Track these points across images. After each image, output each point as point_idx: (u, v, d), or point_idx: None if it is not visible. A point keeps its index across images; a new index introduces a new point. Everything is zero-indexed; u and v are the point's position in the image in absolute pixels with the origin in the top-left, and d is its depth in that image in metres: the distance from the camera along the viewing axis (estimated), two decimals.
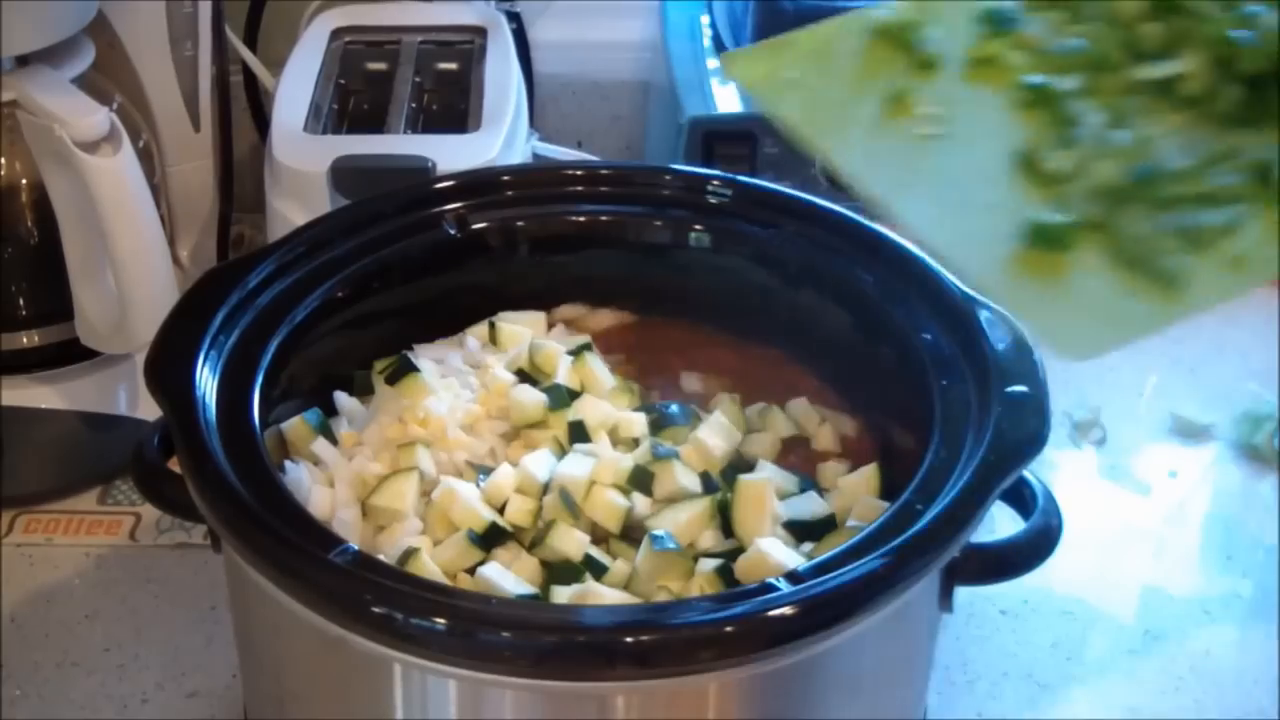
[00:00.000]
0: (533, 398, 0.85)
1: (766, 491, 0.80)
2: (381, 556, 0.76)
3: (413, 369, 0.85)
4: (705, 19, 1.34)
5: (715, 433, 0.84)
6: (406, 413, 0.84)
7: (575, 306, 0.95)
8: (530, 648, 0.66)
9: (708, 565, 0.76)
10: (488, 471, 0.82)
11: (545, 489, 0.81)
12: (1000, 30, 0.86)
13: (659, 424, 0.85)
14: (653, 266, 0.94)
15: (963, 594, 0.77)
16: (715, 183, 0.93)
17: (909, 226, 0.80)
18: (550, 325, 0.93)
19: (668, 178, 0.95)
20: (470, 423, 0.85)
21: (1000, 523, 0.88)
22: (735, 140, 1.17)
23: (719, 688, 0.70)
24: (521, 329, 0.91)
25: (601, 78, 1.43)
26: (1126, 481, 1.14)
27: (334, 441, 0.84)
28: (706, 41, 1.31)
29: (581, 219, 0.93)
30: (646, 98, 1.43)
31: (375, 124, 1.14)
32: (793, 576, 0.69)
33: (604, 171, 0.96)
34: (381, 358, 0.88)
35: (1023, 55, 0.85)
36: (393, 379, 0.85)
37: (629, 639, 0.66)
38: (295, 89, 1.14)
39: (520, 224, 0.92)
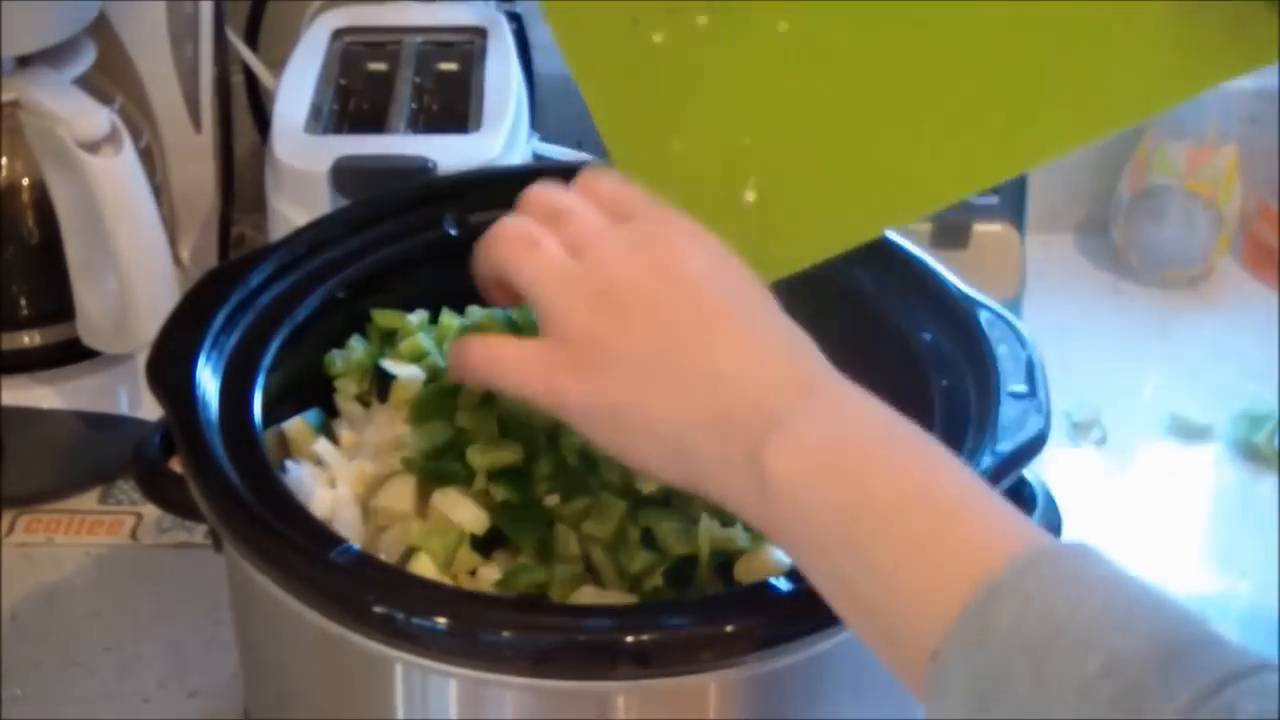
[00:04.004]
0: None
1: None
2: (382, 556, 0.76)
3: (390, 376, 0.85)
4: None
5: None
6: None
7: None
8: (530, 647, 0.66)
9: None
10: None
11: None
12: None
13: None
14: None
15: None
16: None
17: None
18: None
19: None
20: None
21: None
22: None
23: (719, 688, 0.70)
24: None
25: None
26: (1126, 481, 1.14)
27: (335, 441, 0.84)
28: None
29: None
30: None
31: (376, 124, 1.14)
32: (793, 576, 0.69)
33: None
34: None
35: None
36: (382, 396, 0.86)
37: (629, 639, 0.66)
38: (296, 89, 1.14)
39: None
